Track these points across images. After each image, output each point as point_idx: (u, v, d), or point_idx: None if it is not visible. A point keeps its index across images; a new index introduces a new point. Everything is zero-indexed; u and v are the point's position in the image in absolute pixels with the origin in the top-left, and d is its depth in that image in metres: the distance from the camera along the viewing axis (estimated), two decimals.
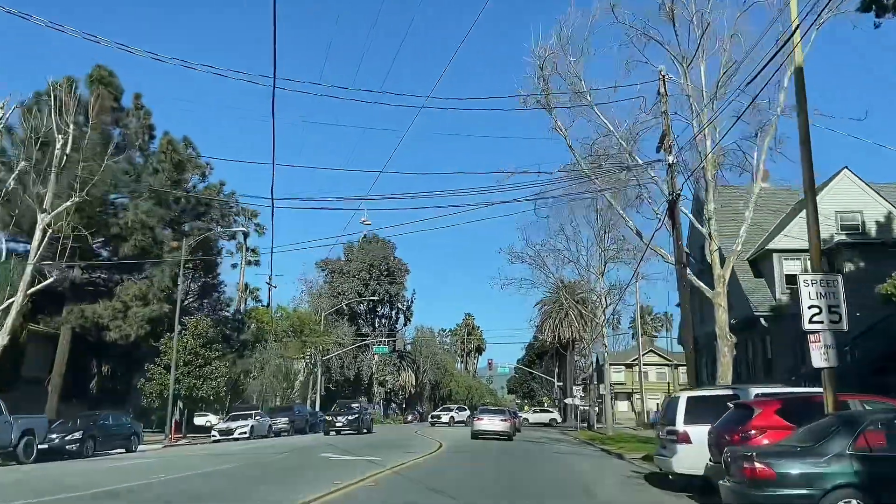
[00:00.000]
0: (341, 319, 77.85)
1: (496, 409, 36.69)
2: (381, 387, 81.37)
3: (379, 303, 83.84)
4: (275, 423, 37.57)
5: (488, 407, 39.17)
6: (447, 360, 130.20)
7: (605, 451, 25.65)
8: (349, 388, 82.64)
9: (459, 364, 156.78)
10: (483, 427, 31.05)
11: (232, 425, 32.89)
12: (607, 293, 39.50)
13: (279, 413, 39.26)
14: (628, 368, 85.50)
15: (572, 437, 43.54)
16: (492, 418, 31.34)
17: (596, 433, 45.75)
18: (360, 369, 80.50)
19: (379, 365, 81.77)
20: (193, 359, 34.51)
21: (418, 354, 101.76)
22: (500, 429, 30.91)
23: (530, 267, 42.08)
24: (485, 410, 34.49)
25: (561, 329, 72.78)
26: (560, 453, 24.19)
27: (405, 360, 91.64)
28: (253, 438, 33.25)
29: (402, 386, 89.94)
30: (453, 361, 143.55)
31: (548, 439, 36.46)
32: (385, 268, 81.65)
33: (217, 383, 35.10)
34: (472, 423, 32.23)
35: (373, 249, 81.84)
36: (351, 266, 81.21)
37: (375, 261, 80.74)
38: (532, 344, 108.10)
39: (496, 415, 32.25)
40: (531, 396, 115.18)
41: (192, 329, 35.36)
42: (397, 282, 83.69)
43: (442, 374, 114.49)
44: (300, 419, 40.44)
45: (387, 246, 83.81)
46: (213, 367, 35.14)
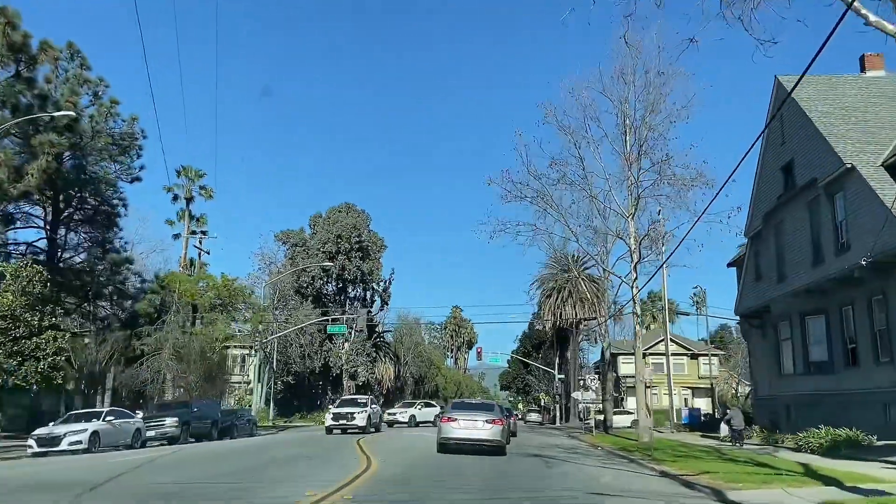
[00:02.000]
0: (305, 301, 65.77)
1: (479, 403, 22.48)
2: (353, 380, 69.14)
3: (350, 282, 71.64)
4: (158, 426, 25.56)
5: (466, 400, 25.08)
6: (433, 352, 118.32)
7: (681, 482, 13.64)
8: (314, 381, 70.72)
9: (450, 360, 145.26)
10: (456, 434, 18.22)
11: (59, 431, 20.76)
12: (642, 240, 27.47)
13: (165, 411, 27.13)
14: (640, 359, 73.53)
15: (585, 442, 31.64)
16: (471, 419, 18.47)
17: (618, 437, 33.82)
18: (328, 359, 68.41)
19: (350, 354, 69.61)
20: (11, 326, 22.36)
21: (399, 344, 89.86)
22: (483, 436, 18.14)
23: (532, 206, 29.99)
24: (461, 406, 20.56)
25: (563, 310, 60.90)
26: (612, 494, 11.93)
27: (382, 350, 79.53)
28: (98, 450, 21.27)
29: (378, 380, 77.73)
30: (441, 356, 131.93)
31: (559, 449, 24.54)
32: (357, 240, 69.44)
33: (45, 364, 22.90)
34: (440, 426, 19.32)
35: (342, 219, 69.67)
36: (315, 238, 69.04)
37: (344, 232, 68.50)
38: (528, 334, 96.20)
39: (478, 413, 19.00)
40: (527, 392, 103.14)
41: (10, 280, 23.11)
42: (372, 258, 71.50)
43: (427, 368, 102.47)
44: (203, 420, 28.34)
45: (360, 215, 71.73)
46: (41, 341, 22.92)
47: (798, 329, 24.54)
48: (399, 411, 47.59)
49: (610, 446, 26.68)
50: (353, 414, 30.63)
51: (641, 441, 27.85)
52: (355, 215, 71.04)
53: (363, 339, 71.80)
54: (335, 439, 25.08)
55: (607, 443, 28.99)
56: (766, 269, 27.32)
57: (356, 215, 71.22)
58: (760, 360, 30.31)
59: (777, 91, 25.74)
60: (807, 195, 23.36)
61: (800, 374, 24.71)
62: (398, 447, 21.60)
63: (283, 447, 21.58)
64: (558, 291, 61.15)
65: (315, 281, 67.68)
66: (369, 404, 33.04)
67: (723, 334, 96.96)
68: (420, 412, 46.64)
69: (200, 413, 27.92)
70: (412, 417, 45.18)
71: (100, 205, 36.17)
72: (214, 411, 29.60)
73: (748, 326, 30.91)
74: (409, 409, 47.52)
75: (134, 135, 37.62)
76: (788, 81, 25.44)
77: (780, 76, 25.57)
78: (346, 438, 24.96)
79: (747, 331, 31.35)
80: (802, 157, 23.84)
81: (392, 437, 25.36)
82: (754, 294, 28.92)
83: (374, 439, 25.34)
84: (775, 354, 27.71)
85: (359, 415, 30.53)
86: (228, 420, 31.55)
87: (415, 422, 44.41)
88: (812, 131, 22.98)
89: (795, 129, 24.20)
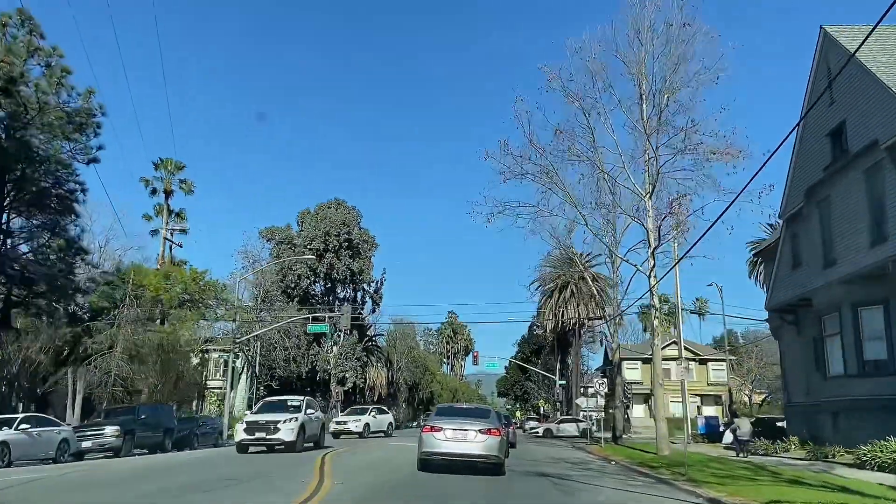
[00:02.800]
0: (290, 302, 61.83)
1: (470, 409, 17.24)
2: (341, 386, 65.18)
3: (339, 282, 67.72)
4: (96, 436, 21.65)
5: (455, 405, 19.79)
6: (429, 358, 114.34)
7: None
8: (301, 387, 66.65)
9: (446, 367, 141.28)
10: (442, 447, 14.24)
11: None
12: (664, 219, 23.67)
13: (109, 418, 23.12)
14: (645, 364, 69.71)
15: (594, 454, 27.77)
16: (461, 428, 14.38)
17: (630, 449, 29.93)
18: (315, 364, 64.44)
19: (338, 359, 65.67)
20: None
21: (392, 349, 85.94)
22: (476, 450, 14.20)
23: (534, 183, 26.20)
24: (448, 412, 16.32)
25: (565, 311, 57.06)
26: None
27: (374, 355, 75.56)
28: (7, 465, 17.32)
29: (370, 386, 73.79)
30: (437, 363, 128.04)
31: (567, 465, 20.69)
32: (346, 238, 65.55)
33: None
34: (421, 437, 14.95)
35: (331, 215, 65.81)
36: (302, 235, 65.16)
37: (333, 228, 64.63)
38: (527, 339, 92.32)
39: (469, 421, 14.79)
40: (525, 399, 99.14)
41: None
42: (362, 256, 67.58)
43: (422, 374, 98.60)
44: (154, 428, 24.36)
45: (350, 212, 67.84)
46: None
47: (850, 323, 20.72)
48: (350, 419, 38.13)
49: (625, 460, 22.81)
50: (275, 424, 20.80)
51: (661, 454, 24.04)
52: (345, 211, 67.21)
53: (353, 343, 67.91)
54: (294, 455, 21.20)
55: (620, 455, 25.13)
56: (808, 253, 23.52)
57: (346, 211, 67.39)
58: (796, 361, 26.50)
59: (823, 44, 22.08)
60: (864, 161, 19.61)
61: (851, 375, 20.89)
62: (365, 463, 17.67)
63: (233, 463, 17.69)
64: (560, 291, 57.31)
65: (301, 280, 63.77)
66: (304, 409, 23.03)
67: (729, 340, 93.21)
68: (375, 419, 38.82)
69: (149, 420, 23.91)
70: (366, 426, 37.30)
71: (51, 187, 32.25)
72: (168, 418, 25.60)
73: (780, 323, 27.12)
74: (363, 417, 38.42)
75: (91, 111, 33.63)
76: (837, 32, 21.75)
77: (827, 26, 21.91)
78: (304, 454, 21.02)
79: (779, 328, 27.55)
80: (858, 117, 20.10)
81: (353, 455, 21.32)
82: (790, 284, 25.13)
83: (338, 455, 21.36)
84: (817, 354, 23.88)
85: (284, 425, 20.76)
86: (187, 428, 27.66)
87: (369, 431, 37.19)
88: (871, 86, 19.27)
89: (849, 85, 20.48)
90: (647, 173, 25.27)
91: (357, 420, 37.75)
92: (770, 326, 28.87)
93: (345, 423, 37.48)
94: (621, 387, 36.66)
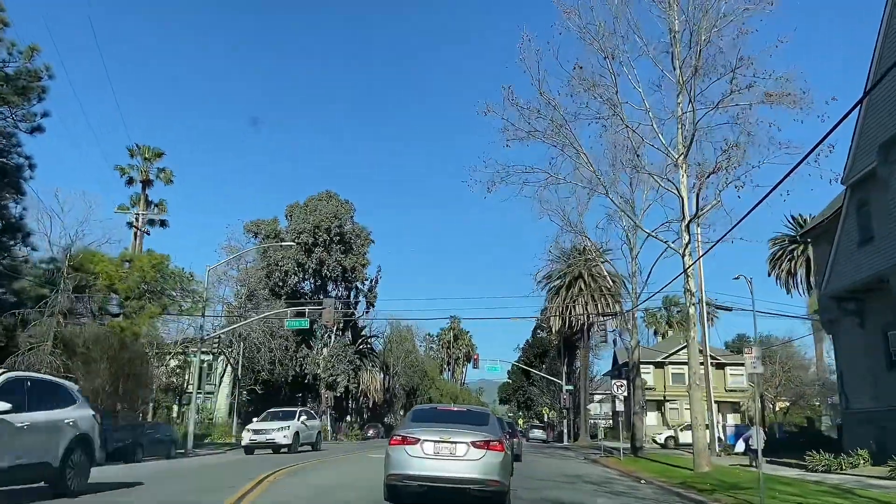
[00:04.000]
0: (278, 301, 57.42)
1: (461, 412, 11.80)
2: (331, 390, 60.65)
3: (330, 280, 63.27)
4: None
5: (440, 407, 13.22)
6: (428, 363, 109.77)
7: None
8: (290, 391, 62.19)
9: (447, 373, 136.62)
10: (420, 468, 9.52)
11: None
12: (705, 180, 19.23)
13: None
14: (658, 368, 65.15)
15: (614, 469, 23.33)
16: (446, 439, 9.63)
17: (654, 462, 25.50)
18: (303, 367, 60.03)
19: (329, 361, 61.19)
20: None
21: (389, 353, 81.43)
22: (467, 473, 9.46)
23: (544, 143, 21.79)
24: (429, 416, 11.01)
25: (573, 309, 52.53)
26: None
27: (368, 358, 71.04)
28: None
29: (363, 391, 69.33)
30: (437, 368, 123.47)
31: (589, 486, 16.25)
32: (338, 232, 61.15)
33: None
34: (389, 453, 9.95)
35: (321, 207, 61.42)
36: (290, 228, 60.75)
37: (323, 221, 60.21)
38: (531, 342, 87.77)
39: (459, 429, 9.96)
40: (528, 407, 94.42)
41: None
42: (355, 252, 63.17)
43: (420, 379, 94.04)
44: None
45: (342, 205, 63.46)
46: None
47: None
48: (272, 427, 27.25)
49: (659, 479, 18.34)
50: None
51: (700, 470, 19.55)
52: (337, 204, 62.84)
53: (344, 345, 63.47)
54: (234, 470, 16.78)
55: (648, 472, 20.66)
56: (882, 226, 19.08)
57: (338, 204, 63.02)
58: (857, 359, 22.04)
59: None
60: None
61: None
62: (315, 489, 13.16)
63: (154, 484, 13.30)
64: (568, 287, 52.80)
65: (289, 277, 59.36)
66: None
67: (741, 343, 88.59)
68: (306, 428, 28.84)
69: None
70: (296, 436, 27.47)
71: None
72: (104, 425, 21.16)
73: (838, 314, 22.65)
74: (291, 423, 27.83)
75: (35, 72, 29.35)
76: None
77: None
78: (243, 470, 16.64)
79: (835, 321, 23.08)
80: None
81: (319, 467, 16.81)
82: (856, 265, 20.68)
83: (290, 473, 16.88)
84: (890, 349, 19.43)
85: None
86: (129, 437, 23.21)
87: (299, 442, 27.87)
88: None
89: None
90: (681, 130, 20.92)
91: (283, 428, 27.11)
92: (822, 318, 24.37)
93: (264, 432, 26.95)
94: (641, 390, 32.18)
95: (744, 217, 15.01)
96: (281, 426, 27.36)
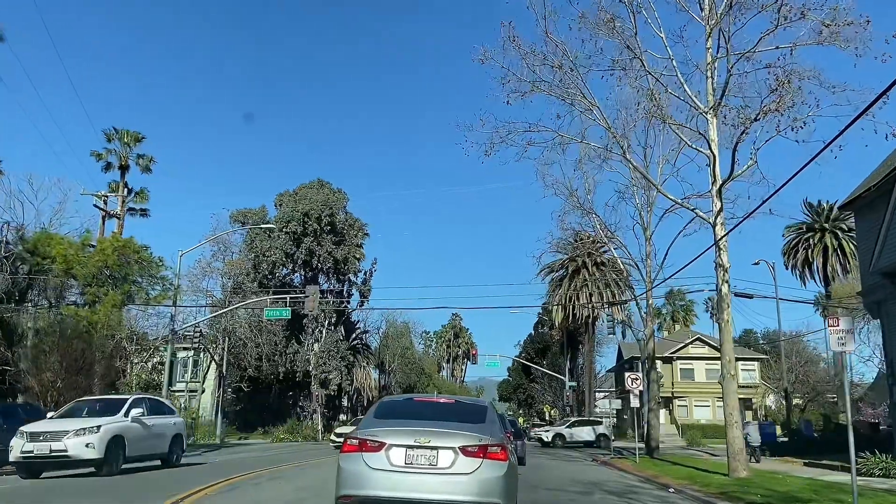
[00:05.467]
0: (267, 293, 54.39)
1: (446, 405, 7.73)
2: (323, 388, 57.58)
3: (321, 272, 60.25)
4: None
5: (416, 397, 8.79)
6: (427, 360, 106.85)
7: None
8: (281, 390, 59.20)
9: (446, 371, 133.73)
10: (386, 487, 6.44)
11: None
12: (747, 128, 16.15)
13: None
14: (665, 364, 62.13)
15: (630, 472, 20.41)
16: (423, 444, 6.57)
17: (674, 465, 22.54)
18: (294, 363, 57.04)
19: (321, 357, 58.12)
20: None
21: (385, 349, 78.47)
22: (451, 495, 6.33)
23: (550, 96, 18.77)
24: (400, 410, 7.74)
25: (577, 300, 49.51)
26: None
27: (362, 354, 68.01)
28: None
29: (357, 389, 66.41)
30: (436, 366, 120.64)
31: (608, 495, 13.28)
32: (329, 221, 58.09)
33: None
34: (341, 464, 6.78)
35: (311, 195, 58.36)
36: (278, 218, 57.65)
37: (314, 210, 57.16)
38: (532, 338, 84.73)
39: (443, 429, 6.81)
40: (529, 405, 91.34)
41: None
42: (348, 243, 60.08)
43: (417, 377, 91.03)
44: None
45: (334, 193, 60.41)
46: None
47: None
48: (68, 427, 14.88)
49: (690, 486, 15.36)
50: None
51: (737, 475, 16.57)
52: (328, 192, 59.79)
53: (337, 340, 60.41)
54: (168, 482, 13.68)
55: (672, 477, 17.66)
56: None
57: (330, 192, 59.97)
58: None
59: None
60: None
61: None
62: None
63: None
64: (571, 277, 49.84)
65: (277, 269, 56.37)
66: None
67: (748, 339, 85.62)
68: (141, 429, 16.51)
69: None
70: (115, 446, 15.20)
71: None
72: None
73: (888, 293, 19.67)
74: (104, 421, 15.30)
75: None
76: None
77: None
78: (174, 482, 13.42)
79: (883, 302, 20.09)
80: None
81: None
82: None
83: None
84: None
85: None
86: None
87: (122, 458, 15.63)
88: None
89: None
90: (710, 80, 17.91)
91: (89, 428, 14.94)
92: (868, 301, 21.36)
93: (52, 435, 14.68)
94: (657, 384, 29.19)
95: (798, 172, 11.96)
96: (83, 426, 15.00)
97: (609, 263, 46.75)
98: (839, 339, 9.30)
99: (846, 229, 51.29)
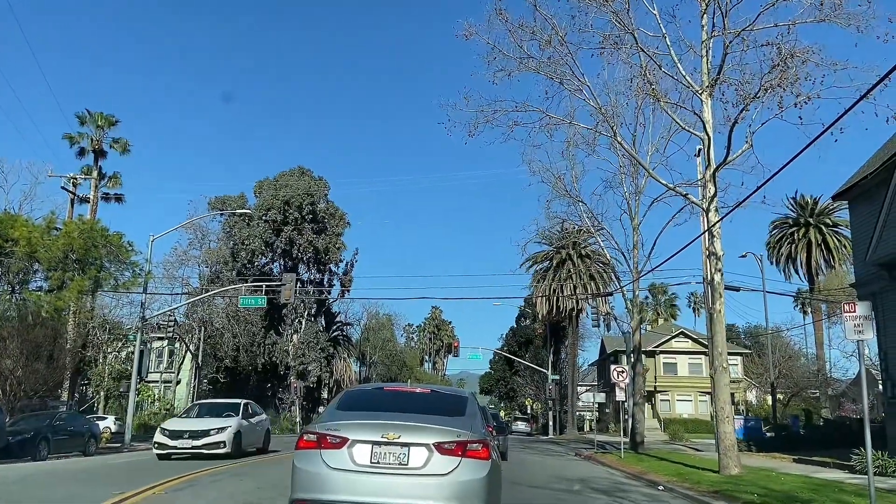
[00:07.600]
0: (246, 282, 53.13)
1: (421, 395, 6.74)
2: (301, 380, 56.55)
3: (301, 262, 59.07)
4: None
5: (387, 387, 7.28)
6: (408, 353, 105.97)
7: None
8: (260, 381, 57.99)
9: (427, 364, 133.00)
10: (350, 492, 5.52)
11: None
12: (745, 106, 15.34)
13: None
14: (648, 357, 61.67)
15: (617, 469, 19.71)
16: (391, 440, 5.67)
17: (661, 461, 21.87)
18: (272, 354, 55.89)
19: (300, 348, 57.05)
20: None
21: (366, 341, 77.62)
22: (424, 500, 5.41)
23: (538, 74, 17.87)
24: (367, 401, 6.78)
25: (560, 293, 48.83)
26: None
27: (342, 346, 67.06)
28: None
29: (338, 381, 65.39)
30: (417, 359, 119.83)
31: (594, 492, 12.46)
32: (310, 210, 56.90)
33: None
34: (297, 464, 5.84)
35: (292, 183, 57.11)
36: (258, 205, 56.35)
37: (294, 198, 55.95)
38: (514, 330, 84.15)
39: (416, 421, 5.89)
40: (511, 398, 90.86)
41: None
42: (329, 232, 58.95)
43: (399, 370, 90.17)
44: None
45: (316, 182, 59.18)
46: None
47: None
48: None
49: (677, 483, 14.63)
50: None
51: (728, 472, 15.87)
52: (309, 181, 58.55)
53: (317, 331, 59.39)
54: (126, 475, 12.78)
55: (660, 473, 16.92)
56: None
57: (311, 181, 58.73)
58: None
59: None
60: None
61: None
62: None
63: None
64: (555, 269, 49.12)
65: (256, 258, 55.15)
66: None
67: (730, 334, 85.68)
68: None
69: None
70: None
71: None
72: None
73: (885, 283, 19.07)
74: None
75: None
76: None
77: None
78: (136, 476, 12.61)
79: (879, 293, 19.47)
80: None
81: None
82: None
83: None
84: None
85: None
86: (30, 430, 19.06)
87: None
88: None
89: None
90: (705, 59, 17.10)
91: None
92: (862, 291, 20.74)
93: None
94: (643, 377, 28.54)
95: (798, 154, 11.17)
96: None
97: (594, 255, 46.13)
98: (856, 325, 8.54)
99: (831, 224, 50.97)
